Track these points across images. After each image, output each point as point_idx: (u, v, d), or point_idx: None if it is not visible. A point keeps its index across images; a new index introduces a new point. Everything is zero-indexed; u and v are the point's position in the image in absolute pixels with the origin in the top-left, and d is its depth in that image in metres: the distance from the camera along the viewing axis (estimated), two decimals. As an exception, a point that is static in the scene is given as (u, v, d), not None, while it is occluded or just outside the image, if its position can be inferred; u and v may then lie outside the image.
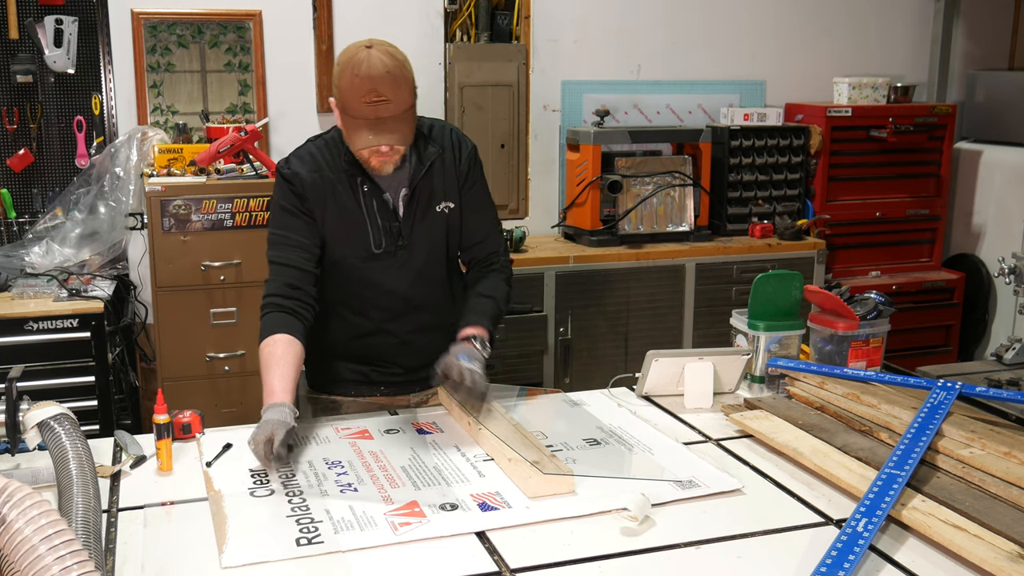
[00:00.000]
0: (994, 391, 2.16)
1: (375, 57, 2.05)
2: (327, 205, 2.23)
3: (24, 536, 1.25)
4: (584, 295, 4.14)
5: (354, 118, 2.08)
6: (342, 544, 1.63)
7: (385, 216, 2.25)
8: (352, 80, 2.04)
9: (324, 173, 2.22)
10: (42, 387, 3.32)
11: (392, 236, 2.26)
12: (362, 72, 2.03)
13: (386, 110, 2.05)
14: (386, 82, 2.04)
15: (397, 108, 2.07)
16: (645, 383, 2.40)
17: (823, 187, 4.67)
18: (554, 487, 1.82)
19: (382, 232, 2.25)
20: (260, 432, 1.93)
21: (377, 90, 2.03)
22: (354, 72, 2.04)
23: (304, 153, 2.27)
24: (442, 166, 2.29)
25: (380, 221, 2.25)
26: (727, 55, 4.78)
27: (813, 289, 2.45)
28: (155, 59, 3.96)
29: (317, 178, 2.22)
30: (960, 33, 5.16)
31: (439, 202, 2.30)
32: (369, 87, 2.03)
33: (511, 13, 4.39)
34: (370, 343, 2.35)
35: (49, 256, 3.70)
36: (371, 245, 2.25)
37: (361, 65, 2.04)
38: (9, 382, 1.74)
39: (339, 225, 2.24)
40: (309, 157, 2.24)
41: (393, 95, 2.05)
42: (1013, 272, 3.07)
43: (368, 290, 2.30)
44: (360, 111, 2.06)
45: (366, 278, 2.29)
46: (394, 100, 2.05)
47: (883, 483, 1.74)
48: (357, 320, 2.34)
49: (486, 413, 2.12)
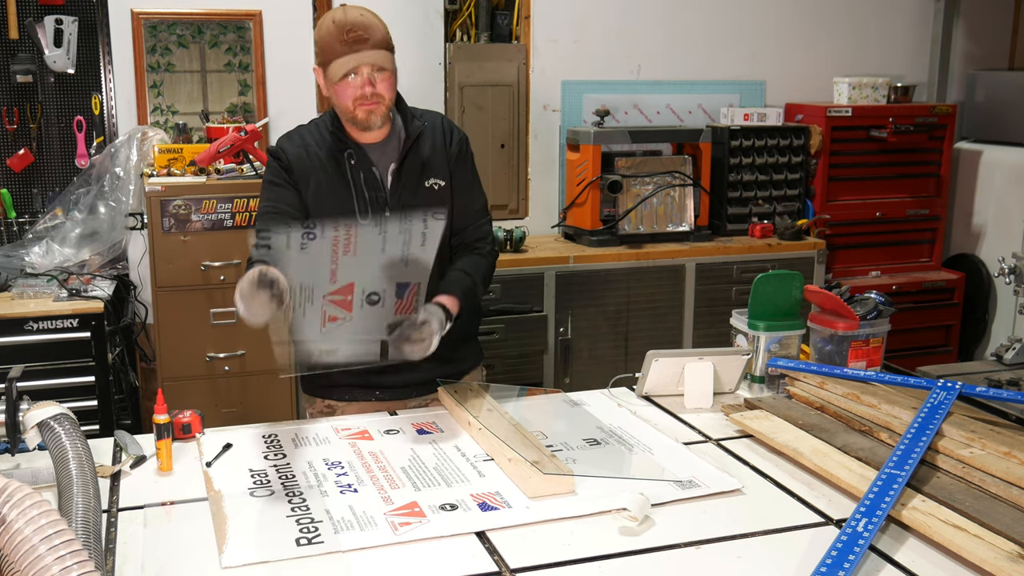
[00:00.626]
0: (994, 391, 2.16)
1: (351, 8, 2.20)
2: (311, 179, 2.29)
3: (24, 536, 1.25)
4: (584, 295, 4.14)
5: (335, 59, 2.17)
6: (342, 544, 1.63)
7: (372, 187, 2.29)
8: (330, 27, 2.18)
9: (311, 149, 2.30)
10: (42, 387, 3.32)
11: (378, 207, 2.29)
12: (338, 18, 2.18)
13: (363, 44, 2.16)
14: (361, 23, 2.17)
15: (373, 42, 2.17)
16: (645, 383, 2.40)
17: (823, 187, 4.67)
18: (554, 487, 1.82)
19: (368, 203, 2.29)
20: (251, 271, 1.87)
21: (353, 28, 2.16)
22: (331, 20, 2.18)
23: (293, 133, 2.37)
24: (432, 144, 2.35)
25: (367, 193, 2.29)
26: (727, 55, 4.78)
27: (813, 289, 2.45)
28: (155, 59, 3.96)
29: (303, 153, 2.30)
30: (960, 33, 5.17)
31: (428, 177, 2.33)
32: (346, 27, 2.16)
33: (511, 13, 4.39)
34: None
35: (49, 256, 3.70)
36: (356, 217, 2.27)
37: (336, 15, 2.19)
38: (9, 382, 1.74)
39: (325, 197, 2.29)
40: (297, 136, 2.34)
41: (368, 34, 2.17)
42: (1013, 272, 3.07)
43: None
44: (340, 50, 2.16)
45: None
46: (369, 37, 2.17)
47: (883, 483, 1.74)
48: None
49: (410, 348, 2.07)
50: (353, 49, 2.16)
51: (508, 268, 4.01)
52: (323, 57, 2.21)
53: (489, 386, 2.37)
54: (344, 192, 2.29)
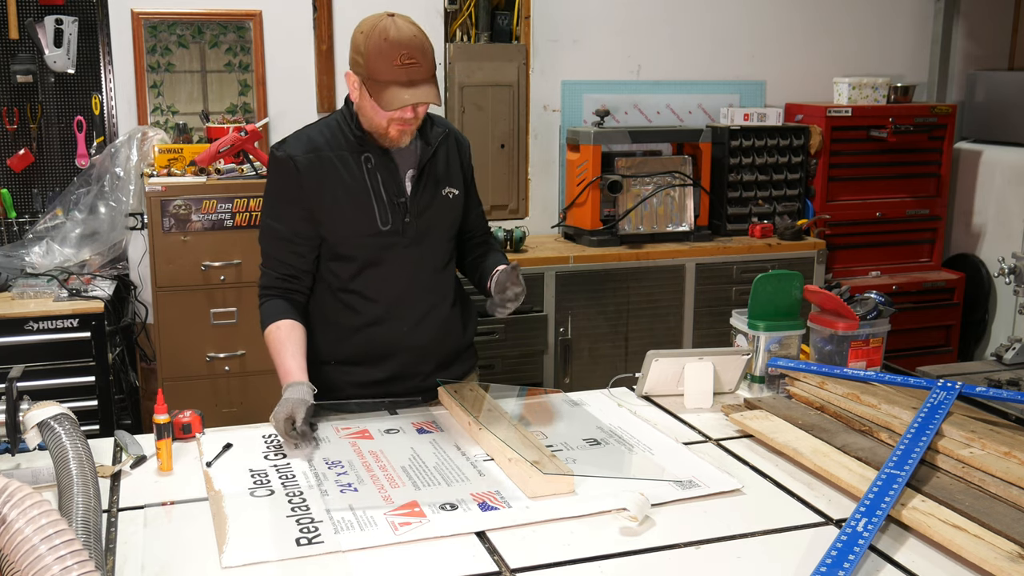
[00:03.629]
0: (994, 391, 2.16)
1: (401, 23, 2.10)
2: (325, 184, 2.21)
3: (24, 536, 1.25)
4: (584, 295, 4.14)
5: (386, 82, 2.08)
6: (342, 544, 1.63)
7: (392, 192, 2.24)
8: (381, 44, 2.07)
9: (322, 152, 2.22)
10: (42, 387, 3.32)
11: (399, 212, 2.25)
12: (391, 36, 2.07)
13: (418, 72, 2.08)
14: (415, 46, 2.08)
15: (427, 72, 2.10)
16: (645, 383, 2.40)
17: (823, 187, 4.67)
18: (554, 487, 1.82)
19: (388, 208, 2.24)
20: (281, 410, 2.04)
21: (409, 52, 2.07)
22: (383, 36, 2.07)
23: (301, 134, 2.28)
24: (446, 153, 2.34)
25: (386, 197, 2.24)
26: (727, 55, 4.79)
27: (813, 289, 2.45)
28: (155, 59, 3.96)
29: (313, 158, 2.21)
30: (960, 33, 5.17)
31: (445, 186, 2.32)
32: (401, 50, 2.06)
33: (511, 13, 4.39)
34: (373, 334, 2.31)
35: (49, 256, 3.70)
36: (377, 222, 2.23)
37: (389, 30, 2.08)
38: (9, 382, 1.74)
39: (342, 203, 2.22)
40: (306, 138, 2.25)
41: (422, 59, 2.09)
42: (1013, 272, 3.07)
43: (376, 272, 2.28)
44: (392, 74, 2.07)
45: (375, 259, 2.27)
46: (424, 64, 2.09)
47: (883, 483, 1.74)
48: (363, 306, 2.30)
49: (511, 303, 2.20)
50: (411, 82, 2.08)
51: (508, 268, 4.01)
52: (369, 74, 2.10)
53: (489, 386, 2.37)
54: (363, 196, 2.23)
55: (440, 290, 2.37)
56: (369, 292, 2.30)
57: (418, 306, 2.32)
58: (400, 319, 2.31)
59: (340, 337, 2.34)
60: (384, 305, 2.30)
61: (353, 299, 2.31)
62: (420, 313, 2.33)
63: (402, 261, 2.28)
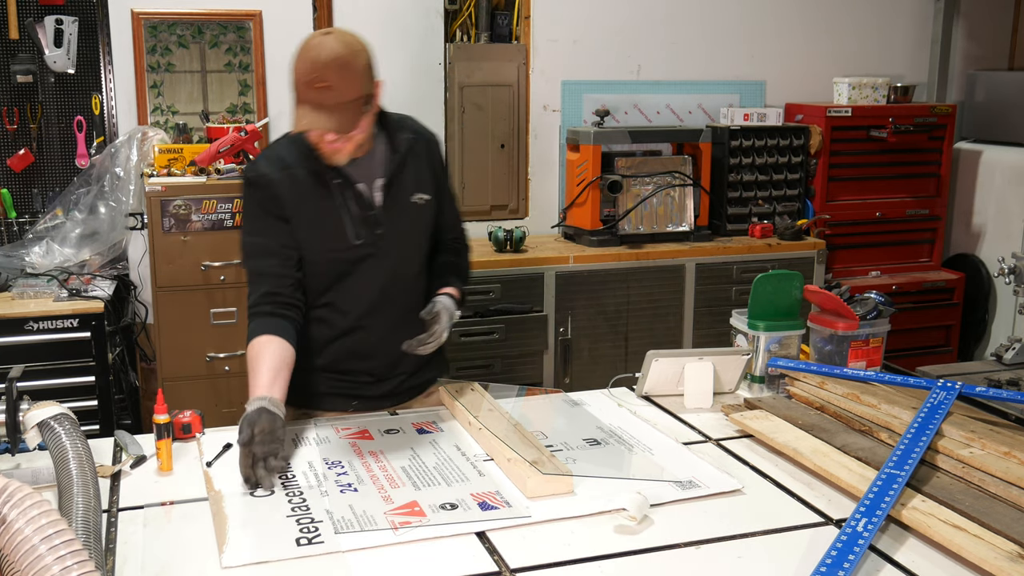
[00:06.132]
0: (994, 391, 2.16)
1: (328, 44, 2.04)
2: (299, 203, 2.20)
3: (24, 536, 1.25)
4: (584, 295, 4.14)
5: (300, 101, 2.06)
6: (342, 544, 1.63)
7: (361, 206, 2.22)
8: (302, 64, 2.05)
9: (293, 171, 2.20)
10: (42, 387, 3.32)
11: (370, 226, 2.23)
12: (311, 56, 2.03)
13: (328, 97, 2.03)
14: (332, 69, 2.02)
15: (340, 96, 2.04)
16: (645, 383, 2.40)
17: (823, 187, 4.67)
18: (553, 487, 1.82)
19: (358, 223, 2.22)
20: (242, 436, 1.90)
21: (322, 76, 2.02)
22: (304, 56, 2.05)
23: (271, 154, 2.26)
24: (416, 157, 2.29)
25: (356, 212, 2.22)
26: (727, 55, 4.78)
27: (813, 289, 2.45)
28: (155, 59, 3.96)
29: (285, 177, 2.19)
30: (960, 33, 5.17)
31: (414, 193, 2.28)
32: (315, 72, 2.02)
33: (511, 13, 4.39)
34: (346, 343, 2.30)
35: (49, 256, 3.70)
36: (349, 237, 2.21)
37: (312, 50, 2.04)
38: (9, 382, 1.74)
39: (314, 221, 2.21)
40: (276, 157, 2.23)
41: (337, 82, 2.03)
42: (1013, 272, 3.08)
43: (347, 285, 2.26)
44: (306, 94, 2.05)
45: (346, 272, 2.25)
46: (337, 88, 2.03)
47: (883, 483, 1.74)
48: (334, 318, 2.28)
49: (433, 340, 2.20)
50: (318, 106, 2.03)
51: (508, 268, 4.01)
52: (293, 89, 2.08)
53: (489, 386, 2.37)
54: (335, 212, 2.21)
55: (413, 297, 2.33)
56: (341, 305, 2.28)
57: (391, 315, 2.30)
58: (371, 330, 2.29)
59: (314, 348, 2.30)
60: (355, 317, 2.28)
61: (324, 312, 2.28)
62: (392, 322, 2.30)
63: (374, 273, 2.26)
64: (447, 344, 2.32)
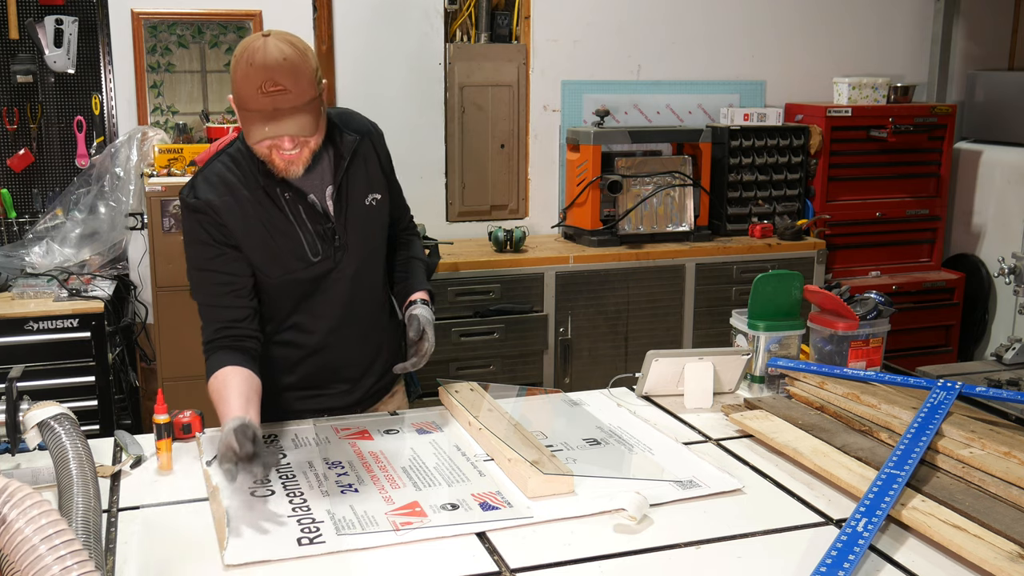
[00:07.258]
0: (994, 391, 2.16)
1: (272, 45, 1.90)
2: (248, 227, 2.05)
3: (24, 536, 1.25)
4: (584, 295, 4.14)
5: (249, 111, 1.91)
6: (343, 544, 1.63)
7: (315, 220, 2.09)
8: (247, 70, 1.89)
9: (238, 193, 2.04)
10: (42, 387, 3.32)
11: (328, 240, 2.11)
12: (256, 60, 1.88)
13: (284, 100, 1.89)
14: (283, 70, 1.88)
15: (297, 99, 1.90)
16: (645, 383, 2.40)
17: (823, 187, 4.67)
18: (553, 487, 1.82)
19: (316, 238, 2.10)
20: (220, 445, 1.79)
21: (274, 79, 1.87)
22: (249, 62, 1.89)
23: (211, 175, 2.07)
24: (363, 157, 2.17)
25: (312, 226, 2.09)
26: (727, 55, 4.79)
27: (813, 289, 2.45)
28: (155, 59, 3.96)
29: (230, 200, 2.03)
30: (960, 33, 5.17)
31: (366, 195, 2.17)
32: (265, 76, 1.87)
33: (511, 13, 4.39)
34: (316, 361, 2.22)
35: (49, 256, 3.70)
36: (307, 255, 2.10)
37: (256, 54, 1.89)
38: (9, 382, 1.74)
39: (268, 244, 2.07)
40: (216, 179, 2.05)
41: (292, 85, 1.89)
42: (1013, 272, 3.08)
43: (311, 304, 2.16)
44: (256, 102, 1.89)
45: (308, 291, 2.15)
46: (293, 90, 1.89)
47: (883, 483, 1.74)
48: (301, 339, 2.19)
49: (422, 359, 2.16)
50: (275, 112, 1.88)
51: (508, 268, 4.01)
52: (237, 101, 1.93)
53: (489, 386, 2.37)
54: (289, 231, 2.07)
55: (379, 302, 2.29)
56: (308, 325, 2.19)
57: (358, 326, 2.24)
58: (340, 344, 2.22)
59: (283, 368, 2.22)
60: (323, 334, 2.20)
61: (291, 335, 2.20)
62: (360, 332, 2.25)
63: (338, 288, 2.16)
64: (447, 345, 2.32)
